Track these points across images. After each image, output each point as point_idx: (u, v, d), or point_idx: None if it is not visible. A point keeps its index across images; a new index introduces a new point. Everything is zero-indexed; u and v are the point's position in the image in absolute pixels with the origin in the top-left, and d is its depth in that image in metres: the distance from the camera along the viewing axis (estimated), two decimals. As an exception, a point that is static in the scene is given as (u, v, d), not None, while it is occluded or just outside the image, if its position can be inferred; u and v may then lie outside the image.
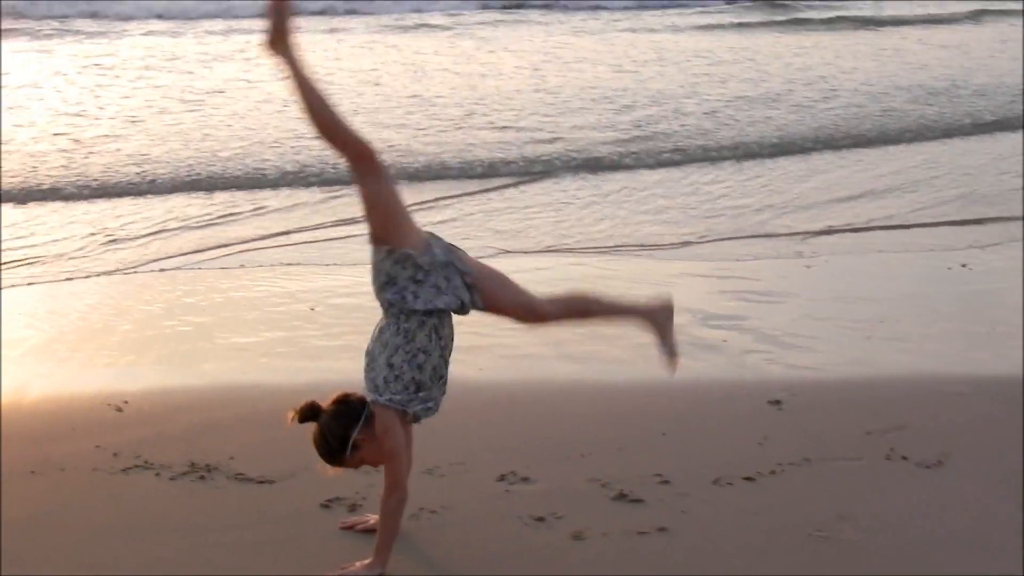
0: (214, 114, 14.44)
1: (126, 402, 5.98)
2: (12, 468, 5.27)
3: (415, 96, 15.52)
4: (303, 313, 7.58)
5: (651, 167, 12.14)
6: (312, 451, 4.38)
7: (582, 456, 5.42)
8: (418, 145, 12.77)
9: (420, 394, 4.32)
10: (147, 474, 5.20)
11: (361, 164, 4.24)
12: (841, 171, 11.98)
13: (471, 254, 4.49)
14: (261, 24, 4.13)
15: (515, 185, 11.31)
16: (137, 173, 11.44)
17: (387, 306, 4.30)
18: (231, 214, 10.20)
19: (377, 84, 16.68)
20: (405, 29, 21.92)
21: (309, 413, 4.35)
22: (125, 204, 10.53)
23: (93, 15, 22.90)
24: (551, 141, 12.93)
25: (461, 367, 6.52)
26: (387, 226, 4.24)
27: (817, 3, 25.49)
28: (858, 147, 13.10)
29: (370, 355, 4.34)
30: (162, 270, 8.63)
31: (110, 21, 22.49)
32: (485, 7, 24.62)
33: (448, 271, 4.31)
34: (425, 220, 9.39)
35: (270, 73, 17.07)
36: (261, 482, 5.11)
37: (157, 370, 6.59)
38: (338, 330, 7.26)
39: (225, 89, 16.22)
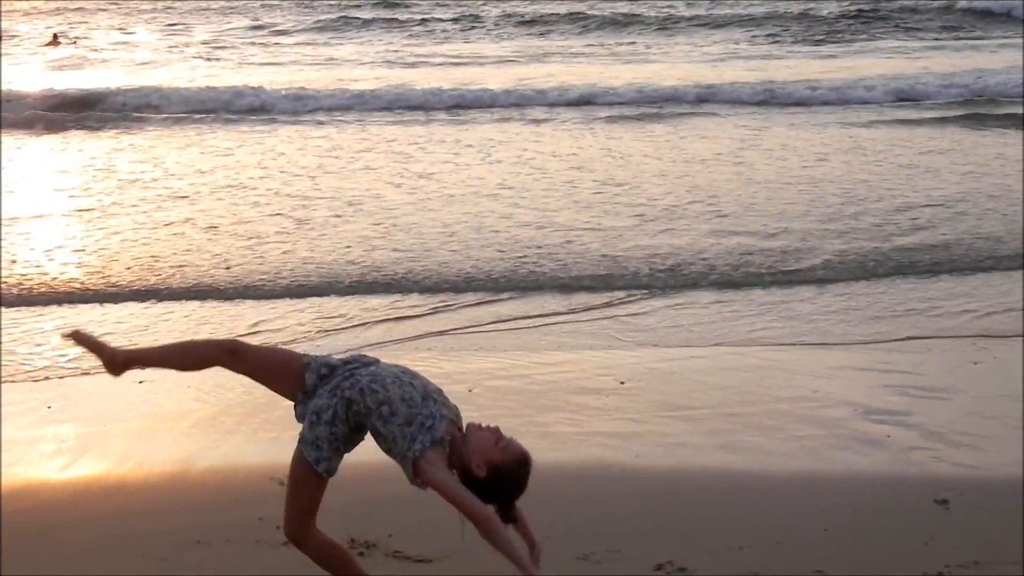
0: (426, 200, 14.36)
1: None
2: (179, 537, 5.43)
3: (623, 185, 15.06)
4: (461, 394, 7.64)
5: (861, 278, 10.81)
6: (466, 534, 4.39)
7: (740, 548, 5.33)
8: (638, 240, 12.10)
9: (411, 428, 4.35)
10: (307, 548, 5.28)
11: (232, 361, 4.60)
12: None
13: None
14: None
15: (709, 288, 10.56)
16: (353, 263, 11.31)
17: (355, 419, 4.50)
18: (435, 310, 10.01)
19: (582, 169, 16.44)
20: (595, 119, 21.80)
21: (507, 516, 4.39)
22: (334, 300, 10.32)
23: (320, 108, 23.74)
24: (760, 251, 11.64)
25: (616, 452, 6.56)
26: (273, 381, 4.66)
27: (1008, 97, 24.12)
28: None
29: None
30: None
31: (329, 112, 23.10)
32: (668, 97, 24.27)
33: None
34: (607, 314, 9.66)
35: (479, 156, 17.55)
36: (419, 561, 5.16)
37: (318, 446, 6.71)
38: (494, 412, 7.30)
39: (436, 172, 16.52)
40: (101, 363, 4.76)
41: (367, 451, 6.58)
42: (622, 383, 7.84)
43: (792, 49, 34.03)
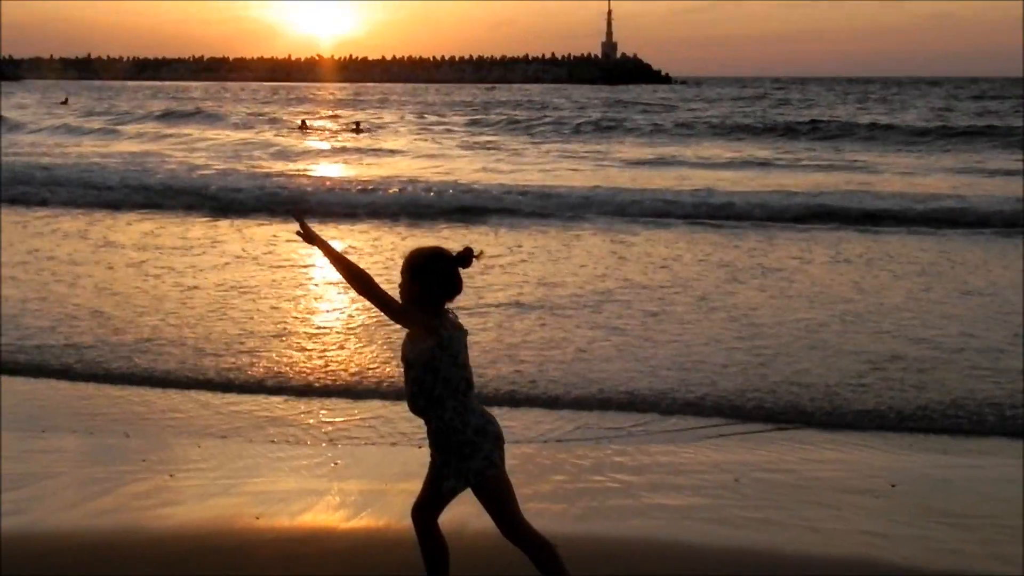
0: (778, 298, 14.38)
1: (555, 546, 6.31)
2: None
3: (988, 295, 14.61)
4: (727, 483, 7.73)
5: None
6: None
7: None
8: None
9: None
10: (577, 613, 5.48)
11: (418, 511, 5.57)
12: None
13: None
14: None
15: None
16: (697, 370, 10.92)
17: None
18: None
19: (928, 274, 16.25)
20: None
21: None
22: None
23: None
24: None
25: (883, 552, 6.49)
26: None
27: None
28: None
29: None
30: (593, 439, 9.05)
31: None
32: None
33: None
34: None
35: (828, 256, 17.88)
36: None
37: (584, 521, 6.92)
38: (759, 503, 7.35)
39: (784, 269, 16.73)
40: None
41: (633, 529, 6.75)
42: (893, 485, 7.72)
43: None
